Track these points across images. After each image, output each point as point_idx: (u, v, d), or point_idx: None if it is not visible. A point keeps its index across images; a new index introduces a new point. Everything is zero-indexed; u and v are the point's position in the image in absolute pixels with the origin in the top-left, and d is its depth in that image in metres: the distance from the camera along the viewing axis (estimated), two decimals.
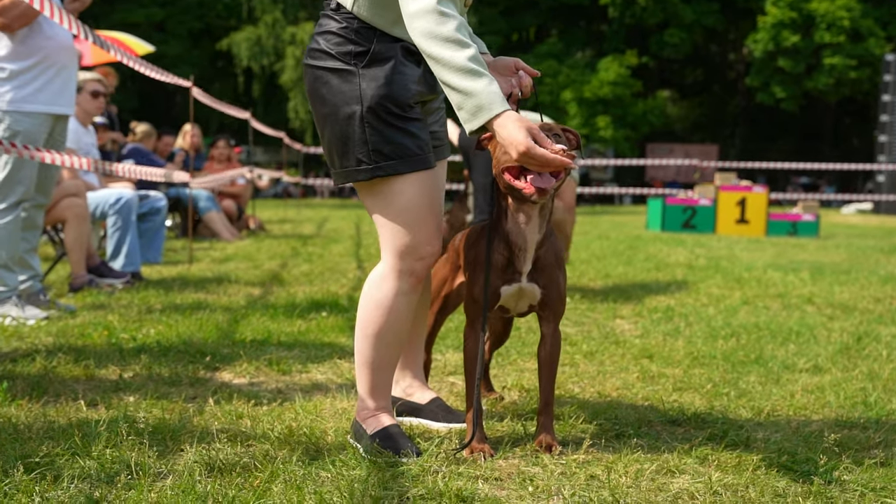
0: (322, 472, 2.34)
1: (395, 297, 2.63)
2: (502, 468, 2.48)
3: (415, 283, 2.64)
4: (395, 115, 2.53)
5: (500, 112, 2.30)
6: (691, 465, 2.51)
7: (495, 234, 2.64)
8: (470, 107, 2.31)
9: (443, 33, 2.31)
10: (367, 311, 2.67)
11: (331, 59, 2.55)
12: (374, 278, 2.68)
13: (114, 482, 2.20)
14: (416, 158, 2.56)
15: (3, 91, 4.79)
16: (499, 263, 2.63)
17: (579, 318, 5.29)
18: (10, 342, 4.15)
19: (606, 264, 8.41)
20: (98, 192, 6.46)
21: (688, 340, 4.55)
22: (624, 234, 13.31)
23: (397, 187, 2.57)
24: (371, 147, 2.52)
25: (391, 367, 2.72)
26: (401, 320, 2.66)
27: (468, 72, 2.29)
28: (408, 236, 2.59)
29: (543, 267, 2.64)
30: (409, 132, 2.55)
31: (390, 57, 2.54)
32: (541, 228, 2.60)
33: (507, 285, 2.65)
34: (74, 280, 5.94)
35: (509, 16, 33.69)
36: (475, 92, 2.29)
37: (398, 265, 2.62)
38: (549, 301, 2.68)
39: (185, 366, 3.72)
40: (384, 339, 2.66)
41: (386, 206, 2.59)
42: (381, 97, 2.51)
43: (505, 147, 2.33)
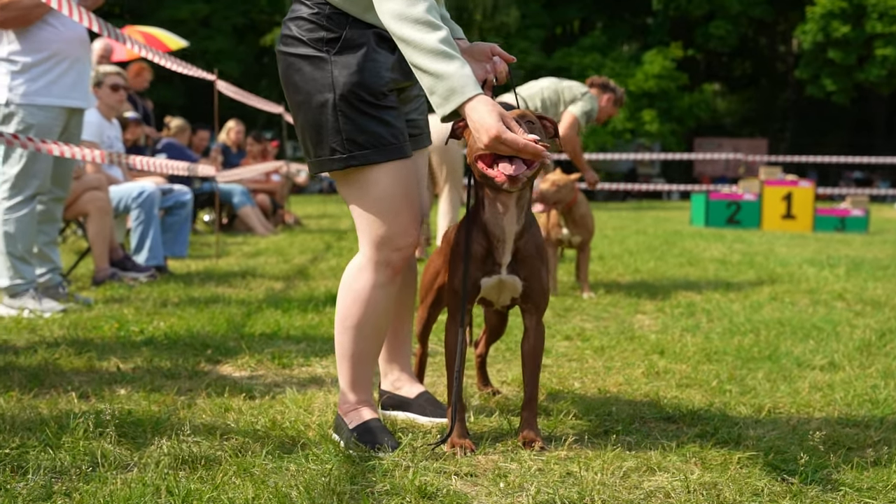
0: (292, 466, 2.31)
1: (372, 288, 2.58)
2: (479, 464, 2.43)
3: (392, 275, 2.59)
4: (368, 104, 2.47)
5: (473, 95, 2.24)
6: (674, 463, 2.44)
7: (473, 225, 2.58)
8: (442, 90, 2.24)
9: (413, 15, 2.26)
10: (345, 303, 2.62)
11: (302, 45, 2.50)
12: (352, 270, 2.63)
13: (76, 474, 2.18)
14: (390, 147, 2.50)
15: (15, 84, 4.83)
16: (478, 255, 2.57)
17: (599, 313, 5.22)
18: (23, 334, 4.18)
19: (638, 259, 8.30)
20: (121, 186, 6.50)
21: (705, 336, 4.46)
22: (663, 230, 13.14)
23: (372, 177, 2.51)
24: (344, 136, 2.47)
25: (371, 360, 2.67)
26: (379, 312, 2.61)
27: (439, 54, 2.23)
28: (383, 227, 2.53)
29: (524, 258, 2.58)
30: (383, 120, 2.49)
31: (363, 44, 2.48)
32: (519, 219, 2.54)
33: (486, 277, 2.59)
34: (97, 273, 5.98)
35: (552, 9, 33.46)
36: (447, 75, 2.23)
37: (375, 256, 2.57)
38: (530, 293, 2.62)
39: (186, 359, 3.71)
40: (363, 332, 2.61)
41: (361, 196, 2.54)
42: (354, 85, 2.45)
43: (475, 132, 2.26)
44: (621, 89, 6.50)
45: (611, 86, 6.40)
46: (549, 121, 2.61)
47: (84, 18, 4.54)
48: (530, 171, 2.37)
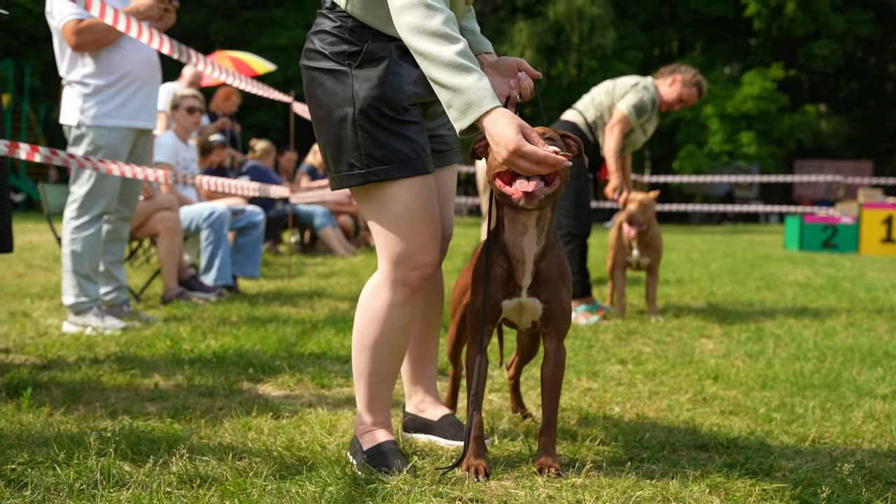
0: (292, 488, 2.27)
1: (389, 307, 2.53)
2: (489, 489, 2.35)
3: (409, 294, 2.53)
4: (388, 118, 2.42)
5: (491, 108, 2.17)
6: (693, 493, 2.32)
7: (494, 247, 2.52)
8: (459, 104, 2.18)
9: (430, 27, 2.20)
10: (362, 321, 2.58)
11: (325, 59, 2.47)
12: (370, 288, 2.59)
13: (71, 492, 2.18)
14: (410, 163, 2.44)
15: (87, 107, 4.95)
16: (499, 276, 2.51)
17: (662, 337, 5.07)
18: (79, 351, 4.25)
19: (716, 283, 8.09)
20: (193, 207, 6.61)
21: (766, 362, 4.29)
22: (753, 254, 12.80)
23: (391, 193, 2.46)
24: (363, 151, 2.42)
25: (389, 381, 2.62)
26: (396, 332, 2.55)
27: (456, 67, 2.17)
28: (402, 244, 2.48)
29: (545, 281, 2.51)
30: (403, 135, 2.44)
31: (384, 57, 2.44)
32: (539, 240, 2.47)
33: (507, 299, 2.52)
34: (166, 292, 6.08)
35: (650, 30, 33.08)
36: (464, 88, 2.16)
37: (392, 274, 2.52)
38: (551, 317, 2.54)
39: (227, 377, 3.72)
40: (380, 351, 2.56)
41: (380, 213, 2.49)
42: (374, 99, 2.41)
43: (495, 146, 2.18)
44: (694, 72, 6.07)
45: (679, 69, 6.08)
46: (572, 139, 2.53)
47: (154, 40, 4.61)
48: (549, 188, 2.31)
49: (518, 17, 31.25)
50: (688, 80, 5.99)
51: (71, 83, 5.00)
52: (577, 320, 5.62)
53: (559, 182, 2.35)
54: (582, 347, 4.65)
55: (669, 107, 6.03)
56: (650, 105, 5.85)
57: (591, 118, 5.93)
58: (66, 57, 5.00)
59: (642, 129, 5.95)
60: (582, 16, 29.57)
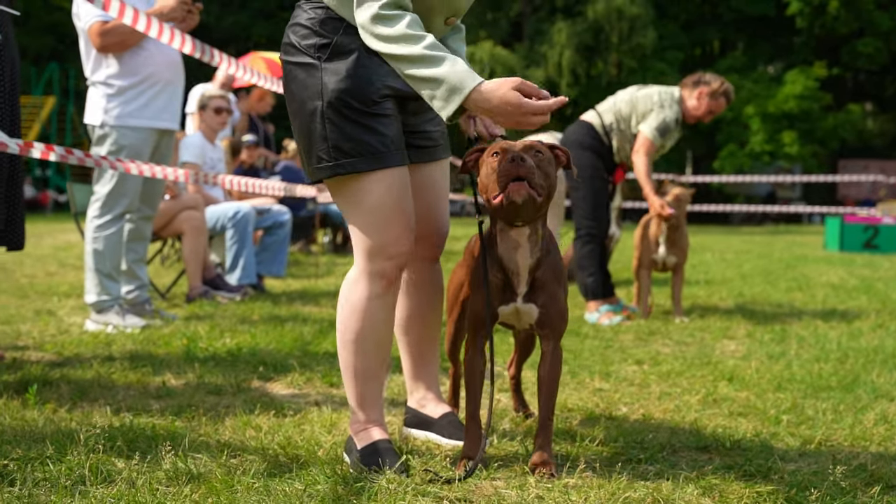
0: (279, 486, 2.27)
1: (367, 300, 2.54)
2: (479, 489, 2.33)
3: (386, 285, 2.53)
4: (356, 111, 2.43)
5: (475, 86, 2.20)
6: (684, 495, 2.29)
7: (490, 258, 2.54)
8: (441, 93, 2.21)
9: (393, 34, 2.25)
10: (343, 316, 2.59)
11: (298, 52, 2.49)
12: (348, 282, 2.60)
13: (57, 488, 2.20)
14: (378, 156, 2.44)
15: (111, 107, 5.00)
16: (495, 285, 2.53)
17: (684, 338, 5.02)
18: (97, 348, 4.29)
19: (747, 283, 8.00)
20: (218, 206, 6.65)
21: (786, 363, 4.22)
22: (790, 254, 12.64)
23: (363, 186, 2.47)
24: (331, 144, 2.44)
25: (377, 377, 2.61)
26: (377, 324, 2.55)
27: (427, 60, 2.21)
28: (375, 236, 2.49)
29: (541, 286, 2.52)
30: (372, 128, 2.44)
31: (353, 49, 2.44)
32: (533, 253, 2.49)
33: (504, 305, 2.54)
34: (190, 291, 6.13)
35: (690, 30, 32.80)
36: (441, 77, 2.20)
37: (368, 267, 2.53)
38: (547, 319, 2.55)
39: (238, 375, 3.73)
40: (364, 346, 2.56)
41: (353, 206, 2.50)
42: (342, 91, 2.42)
43: (499, 116, 2.22)
44: (720, 80, 5.93)
45: (703, 79, 5.92)
46: (560, 150, 2.54)
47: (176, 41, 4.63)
48: (534, 192, 2.34)
49: (557, 17, 31.14)
50: (715, 90, 5.87)
51: (95, 84, 5.06)
52: (600, 321, 5.58)
53: (546, 195, 2.39)
54: (599, 348, 4.61)
55: (698, 119, 5.93)
56: (673, 124, 5.77)
57: (608, 121, 5.88)
58: (91, 58, 5.06)
59: (661, 146, 5.89)
60: (621, 15, 29.41)
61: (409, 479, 2.37)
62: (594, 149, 5.91)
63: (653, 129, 5.70)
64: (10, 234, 3.89)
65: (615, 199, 7.62)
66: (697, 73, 6.02)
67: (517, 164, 2.32)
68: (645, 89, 5.95)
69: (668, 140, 5.86)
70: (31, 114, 26.14)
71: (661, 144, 5.82)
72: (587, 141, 5.92)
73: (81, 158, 3.85)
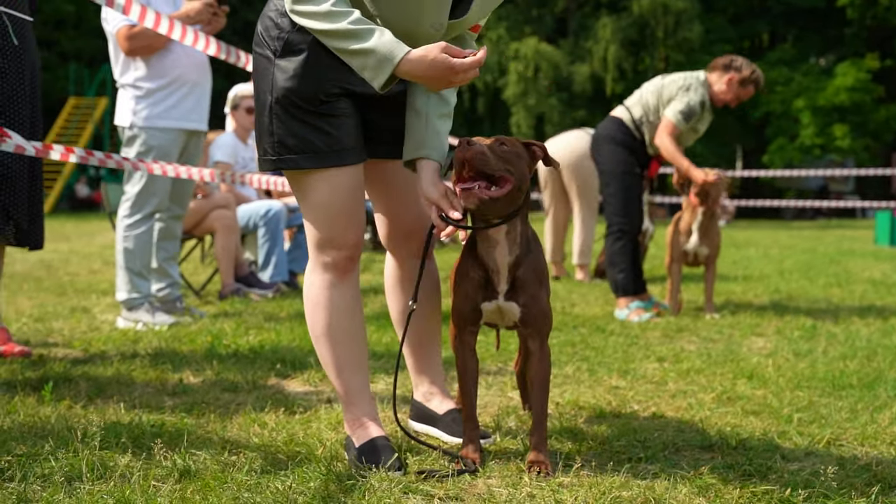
0: (271, 484, 2.29)
1: (323, 290, 2.59)
2: (472, 487, 2.34)
3: (340, 275, 2.59)
4: (302, 110, 2.47)
5: (404, 55, 2.27)
6: (677, 495, 2.27)
7: (471, 254, 2.55)
8: (371, 64, 2.29)
9: (318, 11, 2.30)
10: (308, 311, 2.66)
11: (262, 44, 2.54)
12: (306, 276, 2.67)
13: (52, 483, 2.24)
14: (321, 156, 2.48)
15: (139, 108, 5.08)
16: (476, 282, 2.55)
17: (712, 335, 4.97)
18: (124, 345, 4.36)
19: (785, 279, 7.89)
20: (251, 205, 6.72)
21: (811, 361, 4.16)
22: (836, 249, 12.45)
23: (308, 183, 2.53)
24: (276, 139, 2.50)
25: (356, 369, 2.64)
26: (341, 314, 2.60)
27: (353, 34, 2.28)
28: (322, 230, 2.55)
29: (522, 285, 2.52)
30: (317, 128, 2.47)
31: (303, 49, 2.47)
32: (511, 251, 2.50)
33: (486, 302, 2.55)
34: (223, 288, 6.21)
35: (738, 23, 32.42)
36: (369, 49, 2.27)
37: (318, 258, 2.60)
38: (529, 319, 2.55)
39: (255, 372, 3.77)
40: (334, 337, 2.61)
41: (301, 200, 2.58)
42: (287, 90, 2.46)
43: (429, 82, 2.29)
44: (752, 68, 5.75)
45: (734, 65, 5.81)
46: (536, 145, 2.55)
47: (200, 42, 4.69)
48: (498, 192, 2.37)
49: (602, 12, 30.97)
50: (745, 77, 5.77)
51: (124, 86, 5.14)
52: (630, 318, 5.55)
53: (510, 187, 2.39)
54: (623, 345, 4.58)
55: (724, 104, 5.86)
56: (699, 108, 5.68)
57: (636, 115, 5.84)
58: (120, 61, 5.14)
59: (693, 130, 5.80)
60: (667, 10, 29.17)
61: (403, 476, 2.38)
62: (625, 144, 5.87)
63: (676, 111, 5.63)
64: (32, 234, 3.98)
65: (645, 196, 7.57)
66: (728, 57, 5.92)
67: (463, 147, 2.34)
68: (670, 76, 5.89)
69: (700, 124, 5.77)
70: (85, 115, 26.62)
71: (691, 127, 5.73)
72: (618, 136, 5.89)
73: (102, 160, 3.92)
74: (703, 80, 5.76)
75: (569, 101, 30.61)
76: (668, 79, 5.85)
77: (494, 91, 31.62)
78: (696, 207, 5.71)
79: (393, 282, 2.91)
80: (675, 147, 5.59)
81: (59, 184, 25.37)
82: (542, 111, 30.32)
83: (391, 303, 2.94)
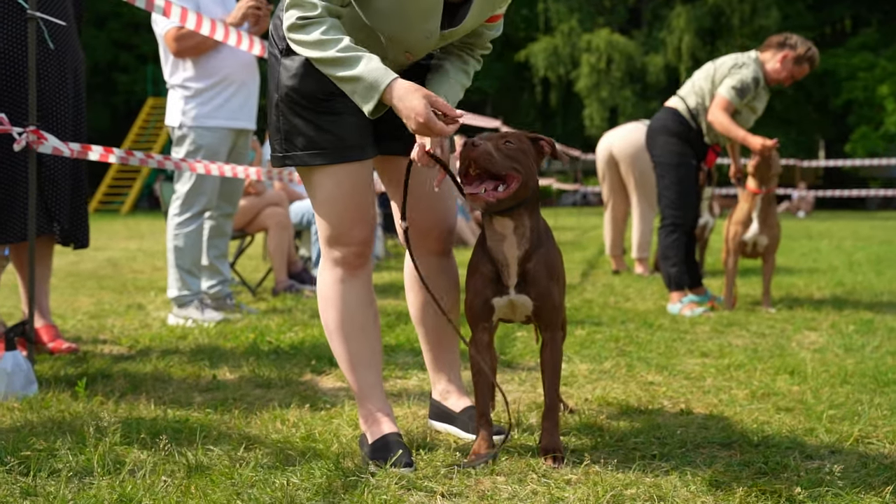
0: (276, 480, 2.30)
1: (334, 285, 2.62)
2: (478, 483, 2.32)
3: (350, 270, 2.62)
4: (304, 107, 2.52)
5: (389, 83, 2.29)
6: (682, 493, 2.22)
7: (482, 249, 2.56)
8: (361, 90, 2.32)
9: (309, 40, 2.34)
10: (321, 308, 2.69)
11: (271, 44, 2.61)
12: (319, 271, 2.70)
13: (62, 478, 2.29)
14: (325, 153, 2.52)
15: (188, 108, 5.17)
16: (487, 276, 2.55)
17: (762, 329, 4.87)
18: (171, 342, 4.44)
19: (852, 272, 7.69)
20: (304, 202, 6.79)
21: (861, 356, 4.05)
22: None
23: (315, 179, 2.57)
24: (283, 136, 2.56)
25: (369, 365, 2.66)
26: (352, 310, 2.62)
27: (341, 61, 2.31)
28: (330, 225, 2.59)
29: (533, 280, 2.51)
30: (319, 125, 2.52)
31: None
32: (520, 245, 2.49)
33: (497, 297, 2.55)
34: (276, 285, 6.28)
35: (819, 10, 31.62)
36: (358, 76, 2.31)
37: (329, 254, 2.63)
38: (541, 312, 2.55)
39: (292, 369, 3.80)
40: (346, 333, 2.63)
41: (310, 195, 2.63)
42: (290, 88, 2.52)
43: (405, 119, 2.31)
44: (807, 45, 5.65)
45: (789, 42, 5.64)
46: (544, 140, 2.54)
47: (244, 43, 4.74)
48: (504, 193, 2.37)
49: (676, 1, 30.51)
50: (800, 55, 5.62)
51: (174, 87, 5.23)
52: (682, 312, 5.46)
53: (516, 185, 2.40)
54: (668, 340, 4.51)
55: (778, 82, 5.71)
56: (753, 84, 5.53)
57: (692, 104, 5.73)
58: (169, 62, 5.24)
59: (750, 109, 5.65)
60: None
61: (412, 472, 2.38)
62: (680, 134, 5.76)
63: (729, 87, 5.49)
64: (76, 232, 4.08)
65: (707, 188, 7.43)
66: (784, 34, 5.77)
67: (468, 148, 2.37)
68: (721, 59, 5.77)
69: (757, 101, 5.61)
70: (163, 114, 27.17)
71: (747, 105, 5.57)
72: (673, 127, 5.79)
73: (143, 160, 3.99)
74: (755, 58, 5.63)
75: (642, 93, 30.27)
76: (719, 61, 5.74)
77: (567, 84, 31.40)
78: (755, 195, 5.57)
79: (412, 280, 2.91)
80: (729, 120, 5.45)
81: (137, 183, 25.97)
82: (615, 103, 30.03)
83: (410, 300, 2.95)
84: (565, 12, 30.80)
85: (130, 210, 25.05)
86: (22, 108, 3.66)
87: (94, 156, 3.76)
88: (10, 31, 3.76)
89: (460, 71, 2.64)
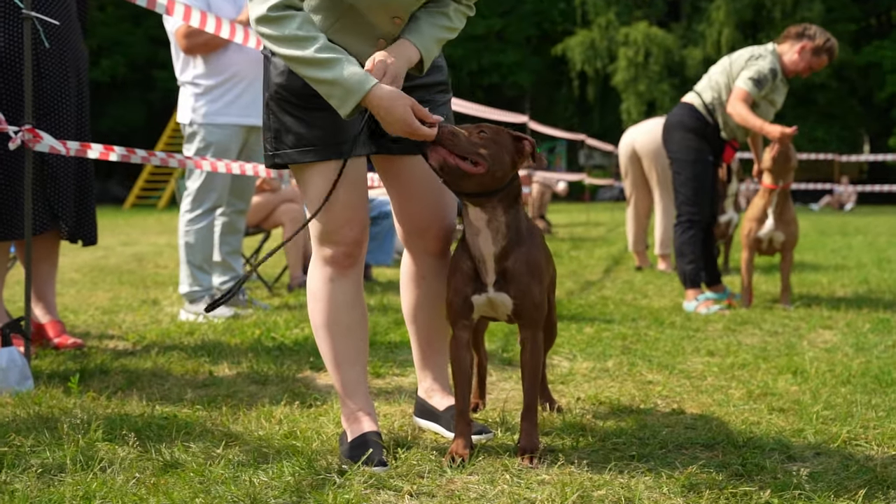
0: (246, 477, 2.30)
1: (323, 283, 2.62)
2: (449, 482, 2.31)
3: (339, 269, 2.61)
4: (292, 105, 2.51)
5: (369, 89, 2.29)
6: (656, 495, 2.19)
7: (462, 244, 2.55)
8: (338, 94, 2.33)
9: (282, 36, 2.33)
10: (309, 305, 2.69)
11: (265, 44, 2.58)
12: (310, 268, 2.69)
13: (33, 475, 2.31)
14: (315, 149, 2.51)
15: (198, 105, 5.19)
16: (466, 273, 2.53)
17: (776, 327, 4.79)
18: (177, 337, 4.46)
19: (880, 269, 7.55)
20: None
21: (869, 357, 3.97)
22: None
23: (304, 176, 2.57)
24: (273, 134, 2.57)
25: (355, 363, 2.65)
26: (340, 308, 2.62)
27: (318, 62, 2.31)
28: (321, 223, 2.57)
29: (512, 278, 2.49)
30: (307, 122, 2.51)
31: None
32: (496, 241, 2.48)
33: (476, 294, 2.53)
34: (291, 281, 6.31)
35: (864, 1, 31.07)
36: (335, 80, 2.31)
37: (319, 252, 2.63)
38: (521, 311, 2.53)
39: (290, 365, 3.80)
40: (333, 331, 2.63)
41: (303, 193, 2.63)
42: (279, 86, 2.52)
43: (387, 126, 2.34)
44: (826, 36, 5.55)
45: (807, 33, 5.53)
46: (526, 140, 2.51)
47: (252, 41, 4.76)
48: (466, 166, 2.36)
49: None
50: (819, 46, 5.51)
51: (184, 84, 5.25)
52: (698, 309, 5.40)
53: (480, 170, 2.39)
54: (678, 338, 4.45)
55: (796, 74, 5.61)
56: (770, 75, 5.43)
57: (708, 99, 5.65)
58: (180, 59, 5.26)
59: (768, 101, 5.55)
60: None
61: (384, 471, 2.37)
62: (697, 130, 5.69)
63: (746, 78, 5.40)
64: (83, 229, 4.11)
65: (732, 185, 7.34)
66: (802, 25, 5.67)
67: (438, 129, 2.37)
68: (737, 52, 5.69)
69: (775, 94, 5.51)
70: None
71: (765, 97, 5.47)
72: (689, 122, 5.72)
73: (145, 157, 4.01)
74: (772, 50, 5.54)
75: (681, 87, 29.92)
76: (736, 54, 5.66)
77: (604, 77, 31.19)
78: (771, 190, 5.48)
79: (407, 278, 2.89)
80: (748, 110, 5.36)
81: (172, 181, 26.22)
82: (653, 97, 29.75)
83: (404, 298, 2.93)
84: (602, 5, 30.58)
85: (167, 205, 25.29)
86: (22, 107, 3.69)
87: (93, 154, 3.78)
88: (8, 31, 3.79)
89: (436, 15, 2.56)
